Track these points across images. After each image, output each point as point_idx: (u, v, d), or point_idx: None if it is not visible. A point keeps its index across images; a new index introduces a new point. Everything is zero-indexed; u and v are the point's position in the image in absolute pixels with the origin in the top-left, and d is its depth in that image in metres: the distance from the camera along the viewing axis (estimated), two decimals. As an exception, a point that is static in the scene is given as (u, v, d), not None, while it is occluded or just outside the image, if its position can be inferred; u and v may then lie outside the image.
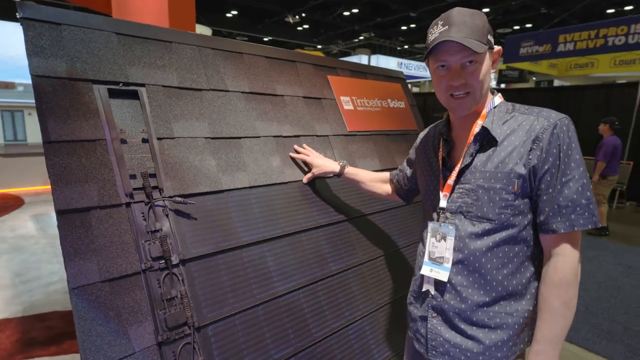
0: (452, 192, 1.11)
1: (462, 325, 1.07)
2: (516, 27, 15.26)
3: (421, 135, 1.36)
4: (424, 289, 1.16)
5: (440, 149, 1.18)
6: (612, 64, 10.53)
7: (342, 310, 1.56)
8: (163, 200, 1.24)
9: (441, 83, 1.06)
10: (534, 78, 15.68)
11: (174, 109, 1.39)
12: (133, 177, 1.21)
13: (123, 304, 1.09)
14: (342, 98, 1.98)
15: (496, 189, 1.02)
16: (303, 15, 14.58)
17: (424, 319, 1.16)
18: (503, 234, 1.03)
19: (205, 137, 1.43)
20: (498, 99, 1.11)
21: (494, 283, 1.05)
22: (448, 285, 1.09)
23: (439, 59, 1.03)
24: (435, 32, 1.02)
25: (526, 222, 1.03)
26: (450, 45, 0.99)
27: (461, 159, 1.09)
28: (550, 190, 0.98)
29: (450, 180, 1.11)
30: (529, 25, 14.92)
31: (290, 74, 1.82)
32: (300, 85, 1.84)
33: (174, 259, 1.20)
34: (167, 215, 1.24)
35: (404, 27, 16.42)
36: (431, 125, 1.34)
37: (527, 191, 1.01)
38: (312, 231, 1.60)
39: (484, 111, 1.09)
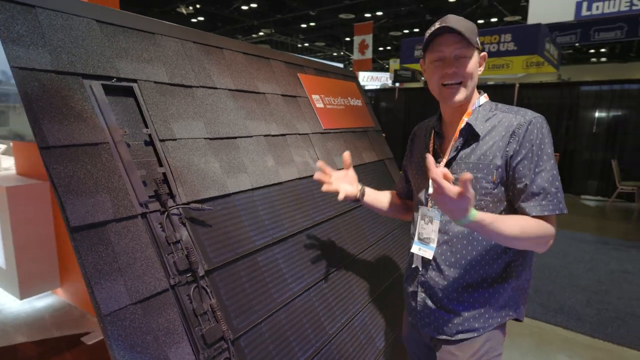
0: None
1: (445, 300, 1.19)
2: (406, 31, 16.63)
3: (415, 129, 1.44)
4: (413, 265, 1.27)
5: (432, 141, 1.26)
6: (487, 68, 12.09)
7: (347, 304, 1.58)
8: (178, 208, 1.13)
9: (435, 74, 1.13)
10: (423, 78, 17.28)
11: (170, 107, 1.26)
12: (143, 184, 1.08)
13: (158, 326, 0.97)
14: (313, 96, 1.99)
15: (477, 178, 1.11)
16: (197, 6, 13.92)
17: (415, 293, 1.27)
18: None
19: (204, 138, 1.32)
20: (483, 98, 1.20)
21: (474, 263, 1.16)
22: (433, 263, 1.21)
23: (434, 50, 1.12)
24: (432, 29, 1.10)
25: (502, 209, 1.13)
26: (446, 38, 1.08)
27: (448, 152, 1.19)
28: (524, 179, 1.07)
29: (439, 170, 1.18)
30: (416, 30, 16.36)
31: (267, 72, 1.77)
32: (277, 83, 1.80)
33: (200, 271, 1.10)
34: (184, 224, 1.13)
35: (303, 25, 16.74)
36: (426, 120, 1.41)
37: (504, 179, 1.11)
38: (312, 229, 1.59)
39: (470, 109, 1.18)
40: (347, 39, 18.00)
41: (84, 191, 0.95)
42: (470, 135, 1.16)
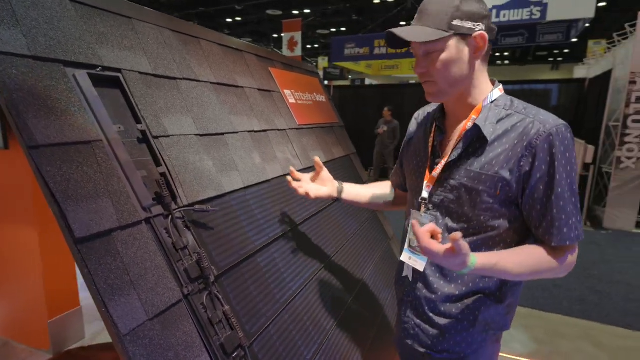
0: (435, 184, 1.05)
1: (430, 314, 1.06)
2: (333, 30, 16.92)
3: (416, 114, 1.26)
4: (403, 275, 1.15)
5: (432, 136, 1.09)
6: (411, 67, 12.79)
7: (342, 296, 1.57)
8: (181, 211, 1.02)
9: (414, 70, 1.01)
10: (350, 76, 17.74)
11: (157, 100, 1.14)
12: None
13: (177, 340, 0.87)
14: (285, 91, 1.94)
15: (478, 191, 0.95)
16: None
17: (402, 301, 1.16)
18: (481, 236, 0.98)
19: (195, 135, 1.22)
20: (498, 92, 1.00)
21: (466, 278, 1.02)
22: (422, 274, 1.07)
23: (411, 48, 0.99)
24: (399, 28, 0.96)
25: (507, 225, 0.98)
26: (406, 38, 0.93)
27: (450, 152, 1.02)
28: (541, 204, 0.93)
29: (435, 173, 1.04)
30: (343, 29, 16.72)
31: (242, 65, 1.68)
32: (252, 77, 1.72)
33: (211, 277, 1.01)
34: (188, 228, 1.03)
35: (229, 20, 16.26)
36: (427, 106, 1.22)
37: (512, 197, 0.95)
38: (301, 226, 1.55)
39: (481, 104, 0.99)
40: (275, 35, 17.86)
41: (84, 196, 0.82)
42: (476, 138, 0.97)
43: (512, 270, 0.90)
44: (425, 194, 1.06)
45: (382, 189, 1.39)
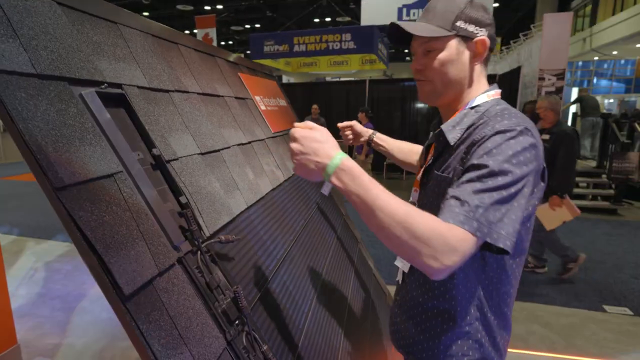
0: (420, 188, 1.06)
1: (404, 316, 1.07)
2: (247, 26, 16.55)
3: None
4: (397, 279, 1.16)
5: (430, 142, 1.07)
6: (329, 64, 13.02)
7: (341, 306, 1.54)
8: (206, 246, 0.92)
9: (412, 67, 1.00)
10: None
11: (159, 118, 1.01)
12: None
13: (232, 394, 0.79)
14: (256, 97, 1.84)
15: (439, 195, 0.90)
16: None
17: (394, 302, 1.16)
18: None
19: (198, 154, 1.10)
20: (484, 97, 0.95)
21: (435, 285, 0.98)
22: (405, 277, 1.09)
23: (411, 45, 0.98)
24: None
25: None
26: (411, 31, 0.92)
27: (430, 157, 1.02)
28: (454, 185, 0.83)
29: (418, 177, 1.07)
30: (257, 26, 16.44)
31: (217, 71, 1.56)
32: (228, 84, 1.60)
33: (248, 316, 0.92)
34: (215, 262, 0.93)
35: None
36: None
37: None
38: (297, 241, 1.49)
39: (460, 109, 0.97)
40: (187, 32, 16.93)
41: (121, 242, 0.69)
42: (445, 142, 0.95)
43: (382, 205, 0.73)
44: (412, 197, 1.09)
45: (412, 152, 1.44)
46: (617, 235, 5.29)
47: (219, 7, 14.14)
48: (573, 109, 9.32)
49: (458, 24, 0.90)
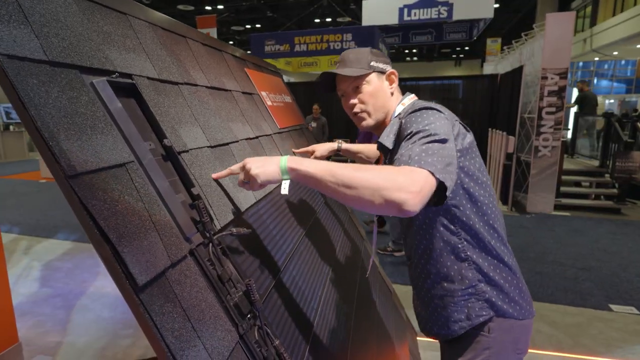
0: None
1: (420, 305, 1.24)
2: (248, 26, 16.53)
3: None
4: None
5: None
6: (330, 64, 13.00)
7: (349, 300, 1.53)
8: (218, 238, 0.90)
9: (345, 106, 1.23)
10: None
11: (169, 110, 0.99)
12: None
13: (246, 389, 0.77)
14: (262, 93, 1.83)
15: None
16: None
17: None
18: (419, 218, 1.13)
19: (207, 147, 1.09)
20: (400, 106, 1.17)
21: (421, 261, 1.17)
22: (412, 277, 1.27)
23: (338, 90, 1.23)
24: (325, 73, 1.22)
25: (430, 214, 1.10)
26: (340, 77, 1.20)
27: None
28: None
29: None
30: (258, 26, 16.43)
31: (224, 66, 1.54)
32: (235, 79, 1.59)
33: (260, 310, 0.91)
34: (226, 255, 0.91)
35: (134, 14, 14.98)
36: None
37: None
38: (305, 235, 1.47)
39: (389, 120, 1.19)
40: (187, 29, 16.89)
41: (134, 232, 0.68)
42: (386, 149, 1.13)
43: (342, 167, 0.83)
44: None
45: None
46: (621, 234, 5.27)
47: (220, 7, 14.13)
48: (575, 108, 9.30)
49: (372, 63, 1.17)
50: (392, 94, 1.21)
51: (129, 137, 0.77)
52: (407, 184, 0.78)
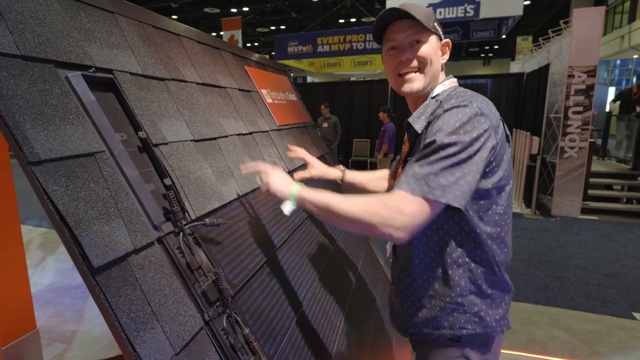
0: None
1: (395, 286, 1.14)
2: (272, 28, 16.72)
3: None
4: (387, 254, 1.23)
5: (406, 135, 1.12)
6: (353, 64, 13.01)
7: (342, 299, 1.54)
8: (190, 227, 0.93)
9: (390, 64, 1.04)
10: (291, 74, 17.68)
11: (151, 104, 1.03)
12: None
13: (206, 374, 0.79)
14: (262, 91, 1.86)
15: None
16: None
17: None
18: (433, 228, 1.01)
19: (191, 140, 1.12)
20: (441, 87, 1.04)
21: (415, 261, 1.04)
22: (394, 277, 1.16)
23: (388, 39, 1.02)
24: (380, 15, 1.00)
25: (447, 229, 0.99)
26: (398, 25, 0.99)
27: (406, 148, 1.08)
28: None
29: (400, 169, 1.11)
30: (283, 27, 16.59)
31: (221, 64, 1.58)
32: (232, 76, 1.62)
33: (229, 298, 0.93)
34: (199, 245, 0.94)
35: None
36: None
37: None
38: (295, 232, 1.49)
39: (423, 100, 1.05)
40: (214, 34, 17.28)
41: (96, 218, 0.71)
42: (414, 132, 1.00)
43: (337, 202, 0.87)
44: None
45: (383, 179, 1.40)
46: (652, 240, 5.02)
47: (245, 9, 14.34)
48: (608, 107, 8.87)
49: (435, 24, 1.01)
50: (441, 65, 1.06)
51: (101, 129, 0.81)
52: (391, 220, 0.81)
